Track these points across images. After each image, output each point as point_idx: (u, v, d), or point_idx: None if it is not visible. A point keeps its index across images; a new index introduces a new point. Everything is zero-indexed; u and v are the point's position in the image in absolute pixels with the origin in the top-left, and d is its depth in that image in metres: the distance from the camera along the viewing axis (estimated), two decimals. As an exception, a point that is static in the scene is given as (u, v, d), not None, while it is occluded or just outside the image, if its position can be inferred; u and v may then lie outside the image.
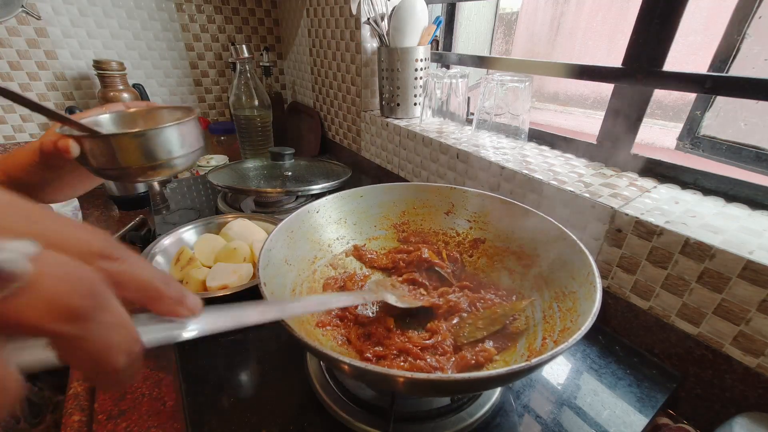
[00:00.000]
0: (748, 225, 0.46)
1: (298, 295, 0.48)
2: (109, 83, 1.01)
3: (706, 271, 0.44)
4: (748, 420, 0.40)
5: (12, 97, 0.34)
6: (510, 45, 1.08)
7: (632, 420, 0.44)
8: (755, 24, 0.52)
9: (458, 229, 0.59)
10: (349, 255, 0.58)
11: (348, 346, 0.45)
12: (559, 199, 0.58)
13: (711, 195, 0.54)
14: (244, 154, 1.15)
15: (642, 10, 0.55)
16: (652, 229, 0.48)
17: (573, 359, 0.52)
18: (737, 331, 0.43)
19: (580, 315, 0.38)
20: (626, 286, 0.53)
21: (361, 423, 0.41)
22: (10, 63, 1.03)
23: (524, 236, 0.52)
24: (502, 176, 0.67)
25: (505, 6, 1.04)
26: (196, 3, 1.23)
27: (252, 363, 0.50)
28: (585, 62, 0.64)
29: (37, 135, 1.13)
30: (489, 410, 0.44)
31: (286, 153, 0.94)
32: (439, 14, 0.98)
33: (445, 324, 0.46)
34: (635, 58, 0.57)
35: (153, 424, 0.43)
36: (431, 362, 0.41)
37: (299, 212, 0.52)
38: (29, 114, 1.10)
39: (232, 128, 1.18)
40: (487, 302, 0.49)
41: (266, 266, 0.42)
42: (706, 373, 0.47)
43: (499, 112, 0.73)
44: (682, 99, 0.75)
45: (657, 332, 0.51)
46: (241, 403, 0.44)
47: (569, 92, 1.00)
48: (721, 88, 0.50)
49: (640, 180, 0.59)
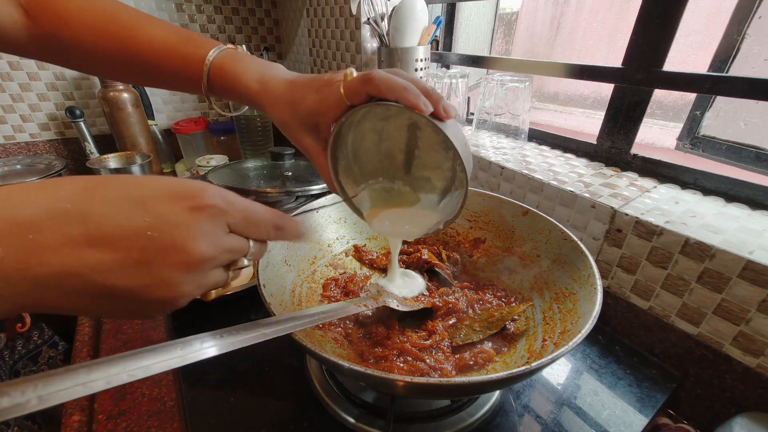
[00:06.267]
0: (748, 225, 0.46)
1: (298, 296, 0.48)
2: (109, 83, 1.00)
3: (706, 271, 0.44)
4: (748, 420, 0.40)
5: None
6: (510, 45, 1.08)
7: (632, 420, 0.44)
8: (755, 24, 0.52)
9: (458, 229, 0.59)
10: (349, 255, 0.58)
11: (348, 347, 0.45)
12: (559, 199, 0.58)
13: (711, 195, 0.54)
14: (244, 154, 1.15)
15: (642, 10, 0.55)
16: (652, 229, 0.48)
17: (573, 359, 0.52)
18: (737, 331, 0.43)
19: (580, 317, 0.38)
20: (626, 286, 0.53)
21: (361, 423, 0.41)
22: (10, 63, 1.03)
23: (524, 236, 0.52)
24: (502, 176, 0.67)
25: (505, 6, 1.04)
26: (196, 3, 1.23)
27: (252, 363, 0.50)
28: (585, 62, 0.64)
29: (37, 135, 1.13)
30: (489, 410, 0.44)
31: (286, 153, 0.94)
32: (439, 14, 0.98)
33: (442, 324, 0.46)
34: (635, 58, 0.57)
35: (153, 424, 0.43)
36: (431, 363, 0.41)
37: (299, 212, 0.52)
38: (29, 114, 1.10)
39: (232, 128, 1.18)
40: (486, 304, 0.49)
41: (266, 267, 0.42)
42: (706, 373, 0.47)
43: (499, 112, 0.73)
44: (682, 99, 0.75)
45: (657, 332, 0.51)
46: (241, 403, 0.44)
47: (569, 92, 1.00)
48: (721, 88, 0.50)
49: (640, 180, 0.59)
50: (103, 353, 0.53)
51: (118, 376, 0.22)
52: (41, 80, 1.09)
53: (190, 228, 0.21)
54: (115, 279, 0.19)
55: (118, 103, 1.02)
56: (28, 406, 0.19)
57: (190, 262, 0.21)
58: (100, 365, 0.22)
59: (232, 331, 0.28)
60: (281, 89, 0.36)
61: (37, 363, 0.63)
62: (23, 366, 0.61)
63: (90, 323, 0.56)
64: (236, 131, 1.13)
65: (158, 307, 0.22)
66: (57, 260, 0.18)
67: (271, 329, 0.29)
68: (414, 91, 0.29)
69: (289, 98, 0.35)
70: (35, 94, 1.09)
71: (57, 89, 1.11)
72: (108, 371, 0.22)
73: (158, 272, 0.20)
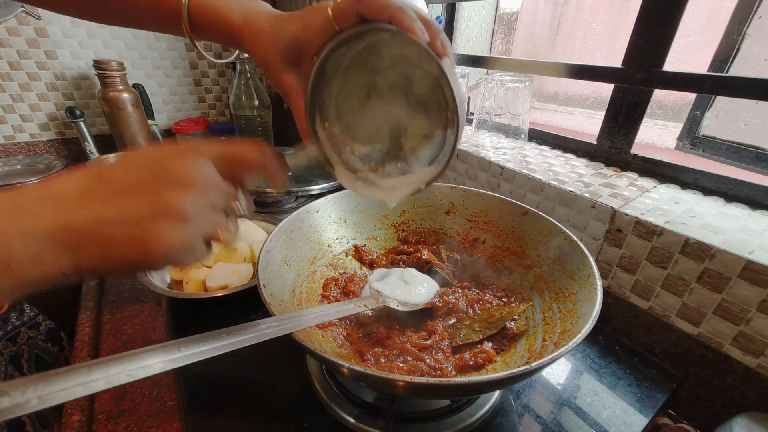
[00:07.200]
0: (748, 225, 0.46)
1: (298, 296, 0.48)
2: (109, 83, 1.01)
3: (706, 271, 0.44)
4: (748, 420, 0.40)
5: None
6: (510, 45, 1.08)
7: (632, 420, 0.44)
8: (755, 24, 0.52)
9: (458, 229, 0.59)
10: (349, 255, 0.58)
11: (348, 347, 0.45)
12: (559, 199, 0.58)
13: (711, 195, 0.54)
14: (244, 154, 1.15)
15: (642, 10, 0.55)
16: (652, 229, 0.48)
17: (573, 359, 0.52)
18: (737, 331, 0.43)
19: (580, 317, 0.38)
20: (626, 286, 0.53)
21: (361, 423, 0.41)
22: (10, 63, 1.03)
23: (524, 236, 0.52)
24: (502, 176, 0.67)
25: (505, 6, 1.04)
26: None
27: (252, 363, 0.50)
28: (585, 62, 0.64)
29: (37, 135, 1.13)
30: (489, 410, 0.44)
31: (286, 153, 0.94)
32: (439, 14, 0.98)
33: (442, 324, 0.46)
34: (635, 58, 0.57)
35: (153, 424, 0.43)
36: (431, 363, 0.41)
37: (299, 212, 0.52)
38: (29, 114, 1.10)
39: (232, 128, 1.18)
40: (486, 304, 0.49)
41: (266, 267, 0.42)
42: (706, 373, 0.47)
43: (499, 112, 0.73)
44: (682, 99, 0.75)
45: (657, 332, 0.51)
46: (241, 403, 0.44)
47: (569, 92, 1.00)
48: (721, 88, 0.50)
49: (640, 180, 0.59)
50: (103, 353, 0.53)
51: (118, 376, 0.22)
52: (41, 80, 1.09)
53: (182, 164, 0.25)
54: (132, 210, 0.23)
55: (118, 103, 1.02)
56: (28, 406, 0.19)
57: (187, 186, 0.24)
58: (100, 365, 0.22)
59: (232, 331, 0.28)
60: (265, 22, 0.33)
61: (17, 343, 0.64)
62: (3, 347, 0.62)
63: (90, 323, 0.56)
64: (236, 131, 1.13)
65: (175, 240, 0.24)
66: (85, 211, 0.22)
67: (271, 329, 0.29)
68: (410, 14, 0.26)
69: (273, 31, 0.32)
70: (35, 94, 1.09)
71: (57, 89, 1.11)
72: (108, 371, 0.22)
73: (165, 197, 0.23)
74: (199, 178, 0.25)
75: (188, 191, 0.24)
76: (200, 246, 0.26)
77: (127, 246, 0.23)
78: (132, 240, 0.23)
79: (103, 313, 0.59)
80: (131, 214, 0.23)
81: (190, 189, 0.24)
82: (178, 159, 0.25)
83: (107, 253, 0.22)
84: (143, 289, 0.60)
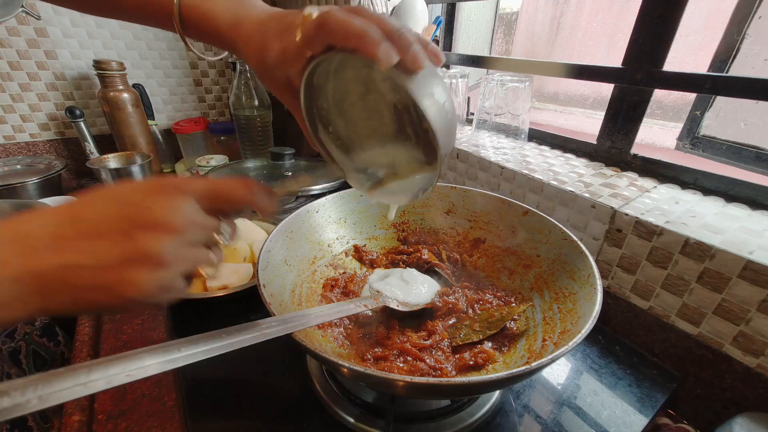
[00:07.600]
0: (748, 225, 0.46)
1: (298, 296, 0.48)
2: (109, 83, 1.00)
3: (706, 271, 0.44)
4: (748, 420, 0.40)
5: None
6: (510, 45, 1.08)
7: (632, 420, 0.44)
8: (755, 24, 0.52)
9: (458, 229, 0.59)
10: (349, 255, 0.58)
11: (348, 348, 0.45)
12: (559, 199, 0.58)
13: (711, 195, 0.54)
14: (244, 154, 1.15)
15: (642, 10, 0.55)
16: (652, 229, 0.48)
17: (573, 359, 0.52)
18: (737, 331, 0.43)
19: (580, 317, 0.38)
20: (626, 286, 0.53)
21: (361, 423, 0.41)
22: (10, 63, 1.03)
23: (524, 236, 0.52)
24: (502, 176, 0.67)
25: (505, 6, 1.04)
26: None
27: (252, 363, 0.50)
28: (585, 62, 0.64)
29: (37, 135, 1.13)
30: (489, 410, 0.44)
31: (286, 153, 0.94)
32: (439, 14, 0.98)
33: (442, 324, 0.46)
34: (635, 58, 0.57)
35: (153, 424, 0.43)
36: (431, 363, 0.41)
37: (299, 212, 0.52)
38: (29, 114, 1.10)
39: (232, 128, 1.18)
40: (486, 304, 0.49)
41: (266, 267, 0.42)
42: (706, 373, 0.47)
43: (499, 112, 0.73)
44: (682, 99, 0.75)
45: (657, 332, 0.51)
46: (241, 403, 0.44)
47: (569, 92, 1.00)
48: (721, 88, 0.50)
49: (640, 180, 0.59)
50: (103, 353, 0.52)
51: (118, 376, 0.22)
52: (41, 80, 1.09)
53: (160, 205, 0.24)
54: (104, 256, 0.22)
55: (118, 103, 1.02)
56: (28, 406, 0.19)
57: (165, 230, 0.23)
58: (100, 365, 0.22)
59: (232, 331, 0.28)
60: (252, 31, 0.32)
61: (15, 339, 0.64)
62: (2, 343, 0.63)
63: (90, 323, 0.56)
64: (236, 131, 1.12)
65: (150, 285, 0.23)
66: (54, 256, 0.21)
67: (271, 329, 0.29)
68: (372, 37, 0.23)
69: (260, 43, 0.31)
70: (35, 94, 1.09)
71: (57, 89, 1.11)
72: (108, 371, 0.22)
73: (140, 242, 0.23)
74: (177, 220, 0.24)
75: (165, 235, 0.23)
76: (178, 284, 0.25)
77: (98, 291, 0.22)
78: (103, 285, 0.22)
79: (103, 313, 0.59)
80: (102, 260, 0.22)
81: (167, 232, 0.23)
82: (155, 198, 0.24)
83: (78, 298, 0.22)
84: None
